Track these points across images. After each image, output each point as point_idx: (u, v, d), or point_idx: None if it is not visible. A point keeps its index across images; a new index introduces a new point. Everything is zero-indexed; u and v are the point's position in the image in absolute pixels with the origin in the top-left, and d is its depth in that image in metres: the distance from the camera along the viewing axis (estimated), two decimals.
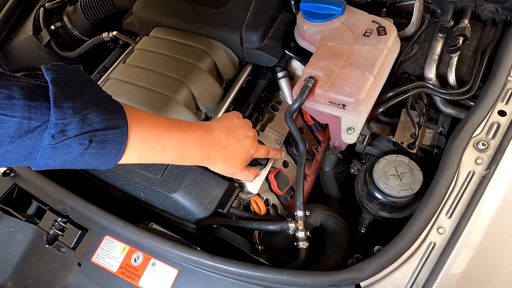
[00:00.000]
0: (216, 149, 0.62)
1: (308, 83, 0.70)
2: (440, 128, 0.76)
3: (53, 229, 0.73)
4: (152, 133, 0.52)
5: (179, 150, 0.57)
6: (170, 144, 0.55)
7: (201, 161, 0.62)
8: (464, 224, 0.55)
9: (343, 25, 0.78)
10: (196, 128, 0.61)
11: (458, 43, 0.71)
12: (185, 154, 0.58)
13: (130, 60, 0.91)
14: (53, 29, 1.11)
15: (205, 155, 0.61)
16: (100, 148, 0.45)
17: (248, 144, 0.68)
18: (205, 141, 0.61)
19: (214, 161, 0.63)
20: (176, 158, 0.57)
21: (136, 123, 0.50)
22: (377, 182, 0.65)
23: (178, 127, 0.58)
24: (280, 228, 0.71)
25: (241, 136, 0.67)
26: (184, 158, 0.59)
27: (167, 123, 0.57)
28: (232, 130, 0.66)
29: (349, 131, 0.67)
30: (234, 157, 0.65)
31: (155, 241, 0.63)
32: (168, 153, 0.55)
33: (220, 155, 0.63)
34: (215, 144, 0.62)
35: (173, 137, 0.56)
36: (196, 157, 0.60)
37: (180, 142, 0.57)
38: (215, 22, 0.89)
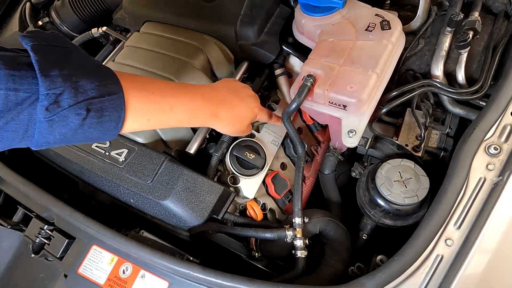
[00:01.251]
0: (223, 107, 0.62)
1: (307, 82, 0.66)
2: (448, 129, 0.72)
3: (39, 237, 0.70)
4: (157, 94, 0.51)
5: (188, 109, 0.56)
6: (178, 103, 0.54)
7: (209, 120, 0.61)
8: (475, 235, 0.51)
9: (344, 19, 0.73)
10: (201, 88, 0.61)
11: (468, 38, 0.65)
12: (194, 112, 0.57)
13: (120, 58, 0.86)
14: (40, 25, 1.06)
15: (214, 112, 0.60)
16: (98, 116, 0.43)
17: (253, 103, 0.68)
18: (212, 99, 0.61)
19: (221, 119, 0.62)
20: (186, 117, 0.56)
21: (134, 87, 0.48)
22: (380, 188, 0.61)
23: (184, 86, 0.59)
24: (278, 236, 0.68)
25: (245, 95, 0.67)
26: (194, 117, 0.58)
27: (169, 84, 0.56)
28: (235, 90, 0.66)
29: (350, 134, 0.63)
30: (240, 115, 0.66)
31: (144, 252, 0.60)
32: (177, 112, 0.54)
33: (227, 113, 0.63)
34: (222, 102, 0.62)
35: (180, 96, 0.55)
36: (205, 115, 0.59)
37: (188, 101, 0.56)
38: (208, 17, 0.84)
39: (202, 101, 0.59)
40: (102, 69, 0.46)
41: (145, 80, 0.52)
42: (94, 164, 0.73)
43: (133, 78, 0.50)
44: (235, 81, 0.70)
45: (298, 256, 0.67)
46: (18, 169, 0.77)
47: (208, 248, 0.78)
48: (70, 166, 0.78)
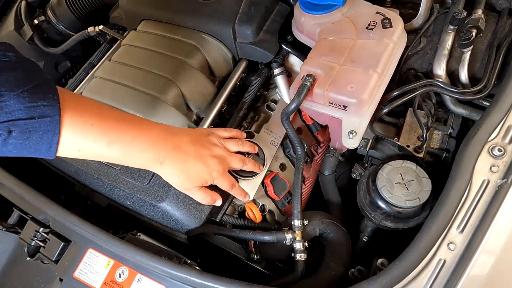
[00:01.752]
0: (173, 154, 0.54)
1: (306, 82, 0.64)
2: (450, 129, 0.71)
3: (35, 240, 0.69)
4: (96, 125, 0.48)
5: (128, 148, 0.51)
6: (117, 140, 0.49)
7: (152, 165, 0.54)
8: (478, 239, 0.50)
9: (344, 17, 0.72)
10: (153, 126, 0.55)
11: (471, 36, 0.64)
12: (134, 152, 0.51)
13: (116, 57, 0.85)
14: (36, 23, 1.05)
15: (157, 157, 0.53)
16: (24, 138, 0.42)
17: (212, 164, 0.58)
18: (161, 140, 0.54)
19: (166, 168, 0.55)
20: (124, 157, 0.51)
21: (75, 112, 0.45)
22: (381, 191, 0.59)
23: (131, 121, 0.52)
24: (277, 239, 0.67)
25: (208, 150, 0.58)
26: (133, 157, 0.52)
27: (116, 116, 0.51)
28: (199, 141, 0.58)
29: (351, 135, 0.61)
30: (191, 171, 0.56)
31: (140, 256, 0.59)
32: (114, 149, 0.49)
33: (175, 163, 0.55)
34: (172, 149, 0.54)
35: (123, 131, 0.50)
36: (147, 158, 0.53)
37: (130, 138, 0.51)
38: (206, 15, 0.82)
39: (147, 143, 0.52)
40: (43, 88, 0.43)
41: (89, 107, 0.48)
42: (90, 166, 0.72)
43: (77, 102, 0.47)
44: (207, 135, 0.61)
45: (298, 259, 0.66)
46: (14, 171, 0.76)
47: (206, 249, 0.77)
48: (66, 167, 0.77)
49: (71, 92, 0.48)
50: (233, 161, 0.63)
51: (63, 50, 1.04)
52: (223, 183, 0.62)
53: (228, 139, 0.65)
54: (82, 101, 0.49)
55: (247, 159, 0.66)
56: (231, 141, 0.64)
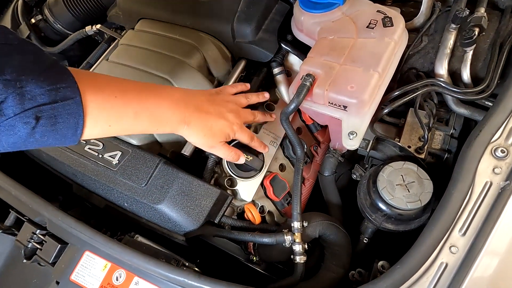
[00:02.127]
0: (196, 114, 0.56)
1: (306, 82, 0.63)
2: (452, 130, 0.69)
3: (31, 242, 0.68)
4: (120, 98, 0.47)
5: (154, 115, 0.51)
6: (143, 109, 0.50)
7: (179, 127, 0.56)
8: (481, 242, 0.49)
9: (344, 15, 0.71)
10: (172, 90, 0.56)
11: (473, 35, 0.63)
12: (162, 118, 0.53)
13: (113, 57, 0.84)
14: (33, 22, 1.04)
15: (183, 119, 0.55)
16: (51, 124, 0.39)
17: (231, 118, 0.61)
18: (183, 103, 0.55)
19: (192, 128, 0.56)
20: (152, 124, 0.52)
21: (94, 90, 0.44)
22: (381, 192, 0.58)
23: (151, 89, 0.53)
24: (276, 241, 0.66)
25: (224, 107, 0.61)
26: (161, 124, 0.53)
27: (136, 86, 0.51)
28: (214, 100, 0.61)
29: (351, 136, 0.61)
30: (214, 128, 0.59)
31: (138, 259, 0.58)
32: (142, 119, 0.50)
33: (199, 122, 0.57)
34: (195, 108, 0.56)
35: (146, 100, 0.50)
36: (173, 122, 0.54)
37: (154, 105, 0.51)
38: (204, 14, 0.81)
39: (171, 106, 0.53)
40: (56, 70, 0.41)
41: (107, 81, 0.48)
42: (87, 167, 0.71)
43: (93, 79, 0.46)
44: (218, 93, 0.64)
45: (297, 261, 0.65)
46: (11, 171, 0.75)
47: (206, 250, 0.77)
48: (63, 168, 0.76)
49: (83, 70, 0.47)
50: (246, 114, 0.66)
51: (61, 49, 1.03)
52: (243, 136, 0.65)
53: (236, 94, 0.68)
54: (98, 77, 0.48)
55: (257, 112, 0.70)
56: (240, 96, 0.67)
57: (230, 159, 0.67)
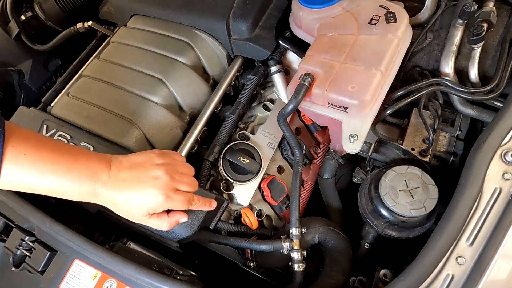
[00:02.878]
0: (107, 186, 0.48)
1: (304, 82, 0.60)
2: (457, 131, 0.66)
3: (20, 249, 0.66)
4: (29, 154, 0.45)
5: (61, 179, 0.46)
6: (49, 170, 0.45)
7: (88, 198, 0.49)
8: (490, 253, 0.47)
9: (345, 11, 0.67)
10: (92, 156, 0.49)
11: (482, 31, 0.59)
12: (68, 185, 0.47)
13: (105, 55, 0.81)
14: (23, 19, 1.00)
15: (92, 191, 0.48)
16: None
17: (156, 189, 0.49)
18: (98, 172, 0.48)
19: (103, 201, 0.50)
20: (55, 188, 0.47)
21: (9, 143, 0.43)
22: (384, 198, 0.56)
23: (68, 151, 0.48)
24: (273, 248, 0.63)
25: (149, 176, 0.49)
26: (66, 190, 0.47)
27: (53, 146, 0.47)
28: (138, 166, 0.50)
29: (352, 139, 0.57)
30: (131, 202, 0.49)
31: (128, 269, 0.56)
32: (46, 180, 0.46)
33: (111, 195, 0.49)
34: (107, 179, 0.49)
35: (56, 161, 0.46)
36: (81, 192, 0.48)
37: (63, 169, 0.46)
38: (198, 10, 0.78)
39: (83, 174, 0.47)
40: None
41: (27, 138, 0.45)
42: None
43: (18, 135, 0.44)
44: (151, 156, 0.52)
45: (295, 269, 0.62)
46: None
47: (203, 253, 0.74)
48: None
49: (15, 125, 0.46)
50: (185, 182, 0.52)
51: (52, 47, 1.00)
52: (176, 204, 0.51)
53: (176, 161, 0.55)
54: (19, 130, 0.46)
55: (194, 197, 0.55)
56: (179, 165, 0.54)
57: (164, 229, 0.54)
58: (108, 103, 0.71)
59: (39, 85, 1.08)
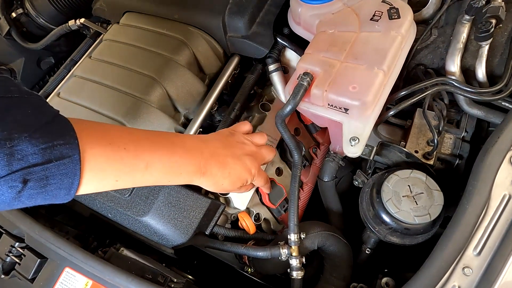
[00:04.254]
0: (211, 164, 0.51)
1: (303, 82, 0.58)
2: (463, 132, 0.63)
3: (10, 255, 0.64)
4: (130, 150, 0.42)
5: (168, 166, 0.47)
6: (155, 160, 0.45)
7: (194, 178, 0.51)
8: (499, 264, 0.44)
9: (346, 7, 0.64)
10: (184, 138, 0.52)
11: (490, 27, 0.56)
12: (176, 169, 0.48)
13: (97, 54, 0.78)
14: (14, 16, 0.97)
15: (199, 169, 0.50)
16: (41, 186, 0.35)
17: (251, 163, 0.56)
18: (197, 152, 0.51)
19: (209, 177, 0.52)
20: (165, 176, 0.47)
21: (97, 142, 0.39)
22: (386, 204, 0.53)
23: (163, 136, 0.49)
24: (271, 255, 0.61)
25: (242, 152, 0.56)
26: (175, 175, 0.48)
27: (147, 135, 0.47)
28: (230, 145, 0.56)
29: (353, 142, 0.55)
30: (232, 176, 0.54)
31: (120, 278, 0.54)
32: (154, 171, 0.45)
33: (216, 171, 0.52)
34: (211, 157, 0.52)
35: (158, 150, 0.46)
36: (189, 173, 0.49)
37: (167, 156, 0.47)
38: (193, 6, 0.75)
39: (185, 156, 0.49)
40: (56, 124, 0.37)
41: (114, 132, 0.43)
42: None
43: (97, 130, 0.41)
44: (232, 134, 0.59)
45: (294, 277, 0.60)
46: None
47: (200, 255, 0.73)
48: None
49: (92, 122, 0.42)
50: (265, 153, 0.61)
51: (44, 45, 0.97)
52: (260, 180, 0.60)
53: (252, 134, 0.62)
54: (100, 126, 0.43)
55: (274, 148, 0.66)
56: (256, 135, 0.62)
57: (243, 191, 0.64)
58: (99, 104, 0.69)
59: (31, 84, 1.06)
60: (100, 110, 0.68)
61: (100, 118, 0.67)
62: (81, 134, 0.38)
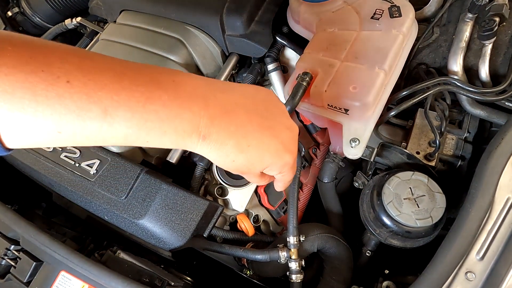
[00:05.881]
0: (222, 125, 0.32)
1: (302, 81, 0.56)
2: (466, 133, 0.62)
3: (5, 258, 0.63)
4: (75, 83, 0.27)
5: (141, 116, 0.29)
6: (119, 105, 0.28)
7: (188, 141, 0.32)
8: (503, 268, 0.43)
9: (346, 5, 0.63)
10: (186, 78, 0.32)
11: (493, 26, 0.55)
12: (156, 123, 0.30)
13: None
14: (10, 15, 0.96)
15: (196, 129, 0.31)
16: None
17: (287, 140, 0.36)
18: (201, 102, 0.31)
19: (212, 146, 0.33)
20: (137, 132, 0.30)
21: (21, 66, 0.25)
22: (387, 207, 0.52)
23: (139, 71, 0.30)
24: (270, 258, 0.60)
25: (280, 122, 0.36)
26: (155, 133, 0.30)
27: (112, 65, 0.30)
28: (263, 105, 0.35)
29: (353, 144, 0.54)
30: (252, 152, 0.34)
31: (116, 282, 0.53)
32: (117, 121, 0.28)
33: (228, 135, 0.32)
34: (221, 115, 0.32)
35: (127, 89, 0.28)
36: (176, 133, 0.31)
37: (142, 99, 0.29)
38: (190, 4, 0.73)
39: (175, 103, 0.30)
40: None
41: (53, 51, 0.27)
42: (63, 177, 0.65)
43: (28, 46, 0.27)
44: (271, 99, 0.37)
45: (293, 280, 0.59)
46: None
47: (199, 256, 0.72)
48: (40, 177, 0.70)
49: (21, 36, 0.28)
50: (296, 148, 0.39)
51: None
52: (288, 176, 0.40)
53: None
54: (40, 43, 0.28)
55: None
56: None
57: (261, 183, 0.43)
58: None
59: None
60: None
61: None
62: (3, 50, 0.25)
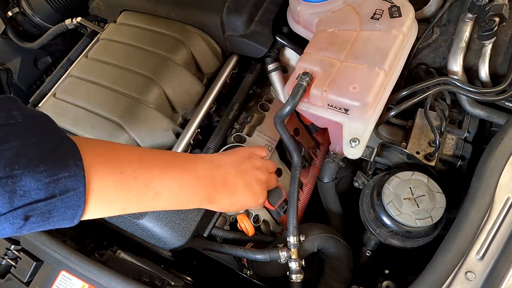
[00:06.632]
0: (221, 192, 0.51)
1: (302, 82, 0.56)
2: (465, 133, 0.62)
3: (5, 258, 0.63)
4: (140, 179, 0.41)
5: (177, 195, 0.46)
6: (164, 189, 0.44)
7: (201, 205, 0.51)
8: (503, 268, 0.43)
9: (346, 5, 0.63)
10: (197, 163, 0.50)
11: (493, 26, 0.55)
12: (184, 199, 0.47)
13: (93, 53, 0.77)
14: (10, 15, 0.96)
15: (207, 197, 0.50)
16: (43, 220, 0.33)
17: (259, 191, 0.58)
18: (208, 180, 0.50)
19: (216, 205, 0.53)
20: (172, 204, 0.47)
21: (106, 171, 0.37)
22: (387, 207, 0.52)
23: (174, 164, 0.47)
24: (270, 258, 0.60)
25: (253, 180, 0.56)
26: (182, 204, 0.48)
27: (159, 160, 0.45)
28: (243, 171, 0.55)
29: (353, 144, 0.54)
30: (239, 204, 0.56)
31: (116, 282, 0.53)
32: (162, 200, 0.44)
33: (224, 199, 0.52)
34: (221, 185, 0.52)
35: (169, 179, 0.45)
36: (196, 201, 0.49)
37: (177, 184, 0.46)
38: (191, 4, 0.74)
39: (196, 185, 0.48)
40: (60, 153, 0.34)
41: (123, 156, 0.41)
42: None
43: (106, 154, 0.38)
44: (249, 158, 0.58)
45: (293, 280, 0.59)
46: None
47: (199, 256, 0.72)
48: None
49: (94, 142, 0.40)
50: (272, 182, 0.63)
51: (40, 44, 0.96)
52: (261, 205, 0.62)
53: (266, 160, 0.63)
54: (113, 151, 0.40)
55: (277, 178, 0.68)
56: (269, 162, 0.63)
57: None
58: (96, 105, 0.68)
59: (28, 84, 1.04)
60: (97, 111, 0.67)
61: (96, 119, 0.66)
62: (89, 161, 0.35)
